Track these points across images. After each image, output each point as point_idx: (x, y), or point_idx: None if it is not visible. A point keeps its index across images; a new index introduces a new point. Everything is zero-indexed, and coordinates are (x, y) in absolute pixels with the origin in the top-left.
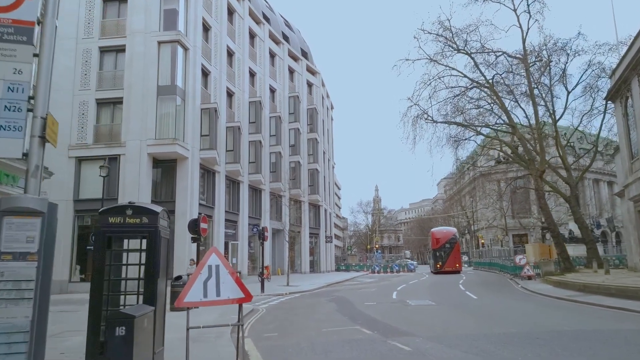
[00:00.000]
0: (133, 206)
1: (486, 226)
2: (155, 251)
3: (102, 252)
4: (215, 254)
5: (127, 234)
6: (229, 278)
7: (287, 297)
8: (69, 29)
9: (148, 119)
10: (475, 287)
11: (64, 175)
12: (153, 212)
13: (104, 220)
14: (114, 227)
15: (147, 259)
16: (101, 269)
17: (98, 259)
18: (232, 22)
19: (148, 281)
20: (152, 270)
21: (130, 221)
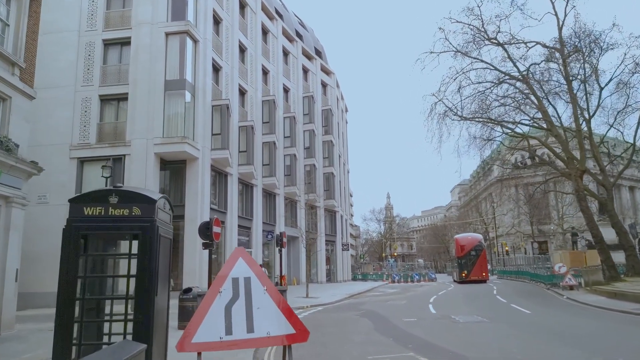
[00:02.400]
0: (120, 190)
1: (505, 233)
2: (151, 256)
3: (72, 259)
4: (244, 258)
5: (111, 231)
6: (267, 300)
7: (310, 311)
8: (71, 22)
9: (155, 116)
10: (516, 299)
11: (65, 178)
12: (148, 200)
13: (77, 211)
14: (92, 221)
15: (139, 267)
16: (71, 283)
17: (66, 269)
18: (244, 16)
19: (141, 301)
20: (146, 285)
21: (116, 212)
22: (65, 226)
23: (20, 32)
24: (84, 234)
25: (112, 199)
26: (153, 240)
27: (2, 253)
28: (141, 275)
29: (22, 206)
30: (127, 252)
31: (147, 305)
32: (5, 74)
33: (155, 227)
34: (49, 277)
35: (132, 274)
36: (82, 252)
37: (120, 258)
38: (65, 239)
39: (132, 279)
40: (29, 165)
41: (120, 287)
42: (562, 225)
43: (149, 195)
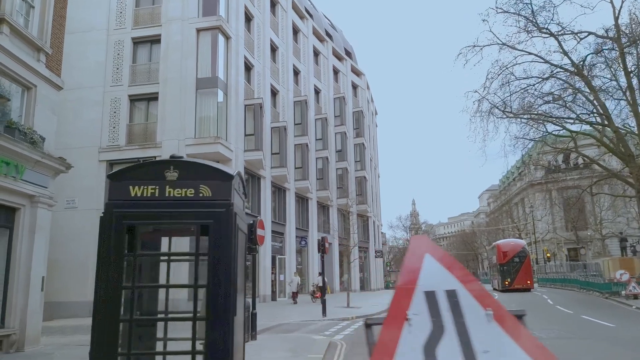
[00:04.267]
0: (181, 162)
1: (541, 239)
2: (228, 256)
3: (114, 261)
4: (433, 254)
5: (170, 220)
6: (500, 337)
7: (358, 324)
8: (99, 20)
9: (186, 116)
10: (581, 309)
11: (93, 181)
12: (222, 176)
13: (119, 191)
14: (141, 205)
15: (211, 274)
16: (112, 298)
17: (105, 277)
18: (274, 14)
19: (215, 325)
20: (220, 300)
21: (176, 193)
22: (103, 213)
23: (46, 15)
24: (131, 224)
25: (169, 174)
26: (230, 234)
27: (27, 259)
28: (214, 286)
29: (49, 207)
30: (189, 251)
31: (223, 333)
32: (29, 59)
33: (232, 215)
34: (76, 286)
35: (202, 284)
36: (128, 250)
37: (183, 260)
38: (104, 232)
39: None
40: (56, 161)
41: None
42: (600, 230)
43: (223, 169)
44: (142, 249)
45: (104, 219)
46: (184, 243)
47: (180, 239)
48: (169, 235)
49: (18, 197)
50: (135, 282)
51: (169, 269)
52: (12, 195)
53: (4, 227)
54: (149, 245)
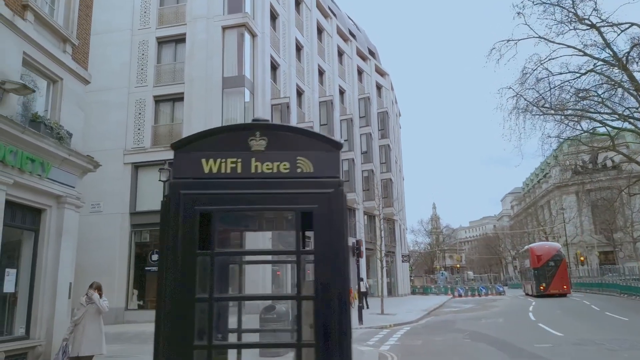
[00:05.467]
0: (270, 125)
1: (569, 242)
2: (341, 256)
3: (184, 261)
4: None
5: (260, 205)
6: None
7: (398, 333)
8: (123, 21)
9: (213, 116)
10: (634, 315)
11: (118, 185)
12: (328, 144)
13: (187, 166)
14: (219, 185)
15: (319, 281)
16: (182, 312)
17: (172, 283)
18: (299, 13)
19: (328, 351)
20: (334, 320)
21: (265, 168)
22: (165, 197)
23: (72, 3)
24: (206, 210)
25: (255, 143)
26: (342, 223)
27: (54, 264)
28: (325, 299)
29: (76, 208)
30: (288, 249)
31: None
32: (55, 50)
33: (342, 199)
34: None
35: (307, 295)
36: (203, 246)
37: (280, 261)
38: (168, 222)
39: (300, 304)
40: (84, 158)
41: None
42: (631, 233)
43: (327, 135)
44: (219, 247)
45: (168, 204)
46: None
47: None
48: (251, 228)
49: (44, 198)
50: (213, 291)
51: (242, 273)
52: (38, 196)
53: (29, 229)
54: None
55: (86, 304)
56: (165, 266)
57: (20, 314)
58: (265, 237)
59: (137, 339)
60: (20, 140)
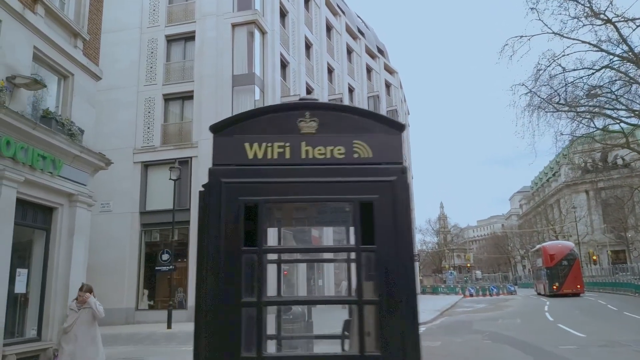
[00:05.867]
0: (320, 105)
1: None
2: (408, 254)
3: (227, 259)
4: None
5: (313, 196)
6: None
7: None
8: (132, 19)
9: (223, 115)
10: None
11: (128, 184)
12: (388, 125)
13: (229, 152)
14: (265, 171)
15: (382, 283)
16: (226, 318)
17: (214, 285)
18: (308, 10)
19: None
20: (405, 331)
21: (317, 153)
22: (204, 187)
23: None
24: (252, 202)
25: (305, 125)
26: (407, 217)
27: (65, 264)
28: (391, 304)
29: (88, 206)
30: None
31: None
32: (66, 45)
33: (407, 188)
34: (112, 293)
35: (369, 299)
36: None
37: (330, 260)
38: (207, 214)
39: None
40: (96, 156)
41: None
42: None
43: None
44: (265, 246)
45: (207, 195)
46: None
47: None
48: (301, 223)
49: (55, 196)
50: (262, 294)
51: (280, 273)
52: (49, 194)
53: (40, 228)
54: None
55: (78, 309)
56: (204, 266)
57: (31, 315)
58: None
59: (149, 340)
60: (31, 137)
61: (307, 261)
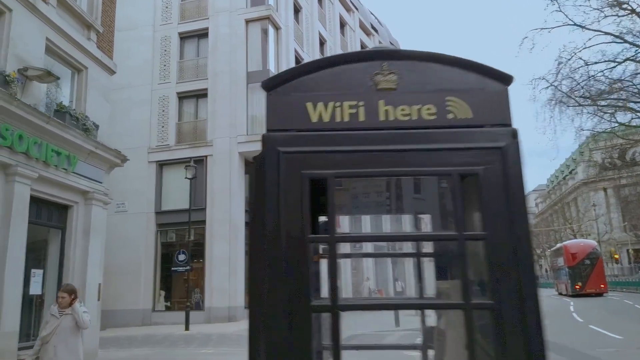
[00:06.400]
0: (401, 54)
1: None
2: (526, 242)
3: (289, 251)
4: None
5: (398, 168)
6: None
7: None
8: (145, 16)
9: (238, 112)
10: None
11: (143, 184)
12: (491, 77)
13: (290, 115)
14: (334, 138)
15: (498, 279)
16: (291, 326)
17: (273, 283)
18: (322, 6)
19: None
20: (533, 343)
21: (400, 114)
22: (255, 159)
23: None
24: (320, 176)
25: (382, 79)
26: (522, 193)
27: (82, 264)
28: (511, 308)
29: (104, 204)
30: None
31: None
32: (79, 37)
33: (520, 156)
34: (127, 294)
35: (481, 303)
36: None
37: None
38: (261, 194)
39: (471, 315)
40: (112, 152)
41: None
42: None
43: (488, 65)
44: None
45: (261, 169)
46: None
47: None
48: (378, 205)
49: (70, 193)
50: (336, 296)
51: (335, 269)
52: (64, 191)
53: (56, 227)
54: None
55: (59, 314)
56: (259, 259)
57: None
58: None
59: (167, 342)
60: (45, 131)
61: (387, 256)
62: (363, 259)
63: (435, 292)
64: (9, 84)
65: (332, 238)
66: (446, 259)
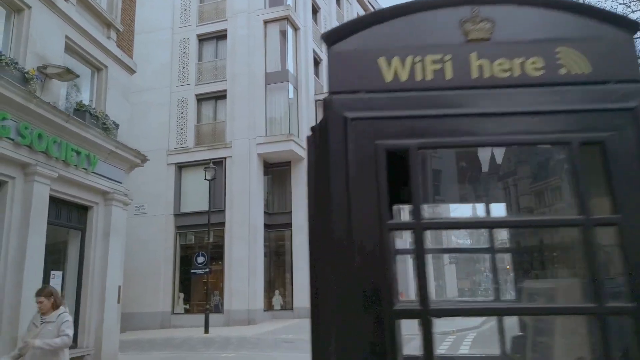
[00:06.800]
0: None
1: None
2: None
3: (363, 237)
4: None
5: (498, 132)
6: None
7: (468, 340)
8: (164, 19)
9: (256, 113)
10: None
11: (162, 186)
12: (618, 24)
13: (357, 73)
14: (417, 99)
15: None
16: (372, 327)
17: (343, 283)
18: (340, 6)
19: None
20: None
21: (498, 68)
22: (314, 129)
23: None
24: (400, 147)
25: (473, 27)
26: None
27: (102, 265)
28: None
29: (124, 205)
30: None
31: None
32: (99, 35)
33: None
34: (147, 296)
35: (618, 306)
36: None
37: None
38: (321, 173)
39: (605, 323)
40: (132, 152)
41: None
42: None
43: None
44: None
45: (322, 140)
46: None
47: None
48: (473, 185)
49: (90, 194)
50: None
51: (423, 264)
52: (84, 192)
53: (75, 228)
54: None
55: (40, 323)
56: (323, 255)
57: None
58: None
59: (186, 346)
60: (65, 130)
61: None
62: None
63: (523, 294)
64: (28, 81)
65: (418, 224)
66: (550, 251)
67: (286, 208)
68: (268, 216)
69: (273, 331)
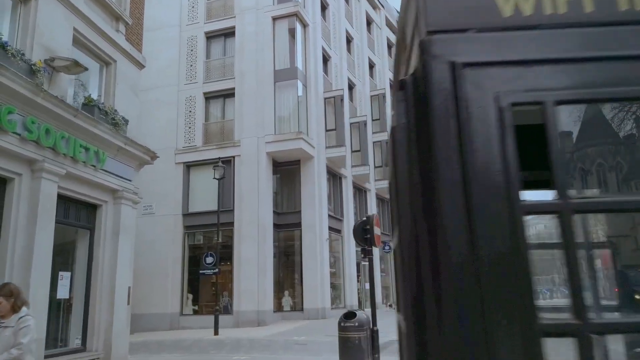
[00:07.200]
0: None
1: None
2: None
3: (490, 224)
4: None
5: None
6: None
7: None
8: (172, 16)
9: (265, 111)
10: None
11: (170, 185)
12: None
13: (465, 2)
14: (548, 38)
15: None
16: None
17: (466, 275)
18: (348, 3)
19: None
20: None
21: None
22: (403, 83)
23: None
24: (531, 100)
25: None
26: None
27: (111, 266)
28: None
29: (134, 203)
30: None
31: None
32: (107, 28)
33: None
34: (155, 297)
35: None
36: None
37: None
38: (429, 137)
39: None
40: (141, 148)
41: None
42: None
43: None
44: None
45: (420, 95)
46: None
47: None
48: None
49: (99, 192)
50: (584, 310)
51: (576, 262)
52: (92, 189)
53: (84, 227)
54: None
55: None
56: (421, 243)
57: (75, 322)
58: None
59: (196, 348)
60: (73, 125)
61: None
62: None
63: None
64: (34, 73)
65: (565, 204)
66: None
67: (295, 207)
68: (277, 215)
69: (283, 333)
